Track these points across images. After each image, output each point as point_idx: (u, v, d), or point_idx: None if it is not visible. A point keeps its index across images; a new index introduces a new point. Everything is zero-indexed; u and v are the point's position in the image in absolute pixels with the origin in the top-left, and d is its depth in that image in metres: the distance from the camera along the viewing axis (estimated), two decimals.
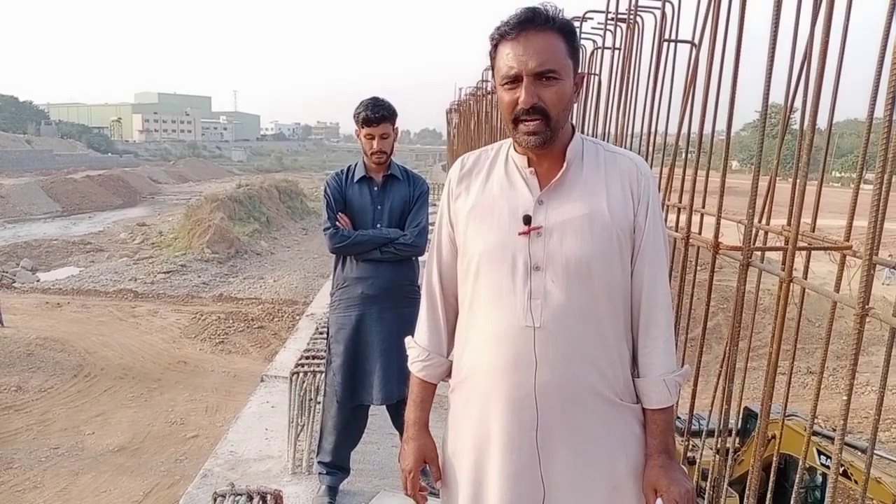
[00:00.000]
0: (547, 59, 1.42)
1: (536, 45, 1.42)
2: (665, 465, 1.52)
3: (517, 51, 1.43)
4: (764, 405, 1.94)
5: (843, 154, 60.05)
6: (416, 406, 1.73)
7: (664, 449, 1.54)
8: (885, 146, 1.42)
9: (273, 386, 4.96)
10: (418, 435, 1.71)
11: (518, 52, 1.43)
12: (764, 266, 2.10)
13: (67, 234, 33.86)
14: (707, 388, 3.03)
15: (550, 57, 1.43)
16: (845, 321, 2.06)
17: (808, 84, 2.10)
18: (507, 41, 1.45)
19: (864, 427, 11.88)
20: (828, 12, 1.71)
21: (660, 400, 1.54)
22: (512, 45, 1.44)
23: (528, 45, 1.42)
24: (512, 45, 1.44)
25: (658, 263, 1.54)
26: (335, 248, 3.11)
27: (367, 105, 3.06)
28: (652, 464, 1.53)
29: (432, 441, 1.72)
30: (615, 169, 1.55)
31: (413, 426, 1.72)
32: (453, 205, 1.64)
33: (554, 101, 1.44)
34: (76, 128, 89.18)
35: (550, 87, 1.44)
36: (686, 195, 2.54)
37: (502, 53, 1.46)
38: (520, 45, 1.43)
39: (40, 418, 12.47)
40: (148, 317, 19.40)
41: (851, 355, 1.50)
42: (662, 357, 1.54)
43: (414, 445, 1.70)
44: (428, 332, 1.73)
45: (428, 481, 3.40)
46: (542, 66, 1.42)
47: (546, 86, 1.43)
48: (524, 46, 1.43)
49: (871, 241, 1.48)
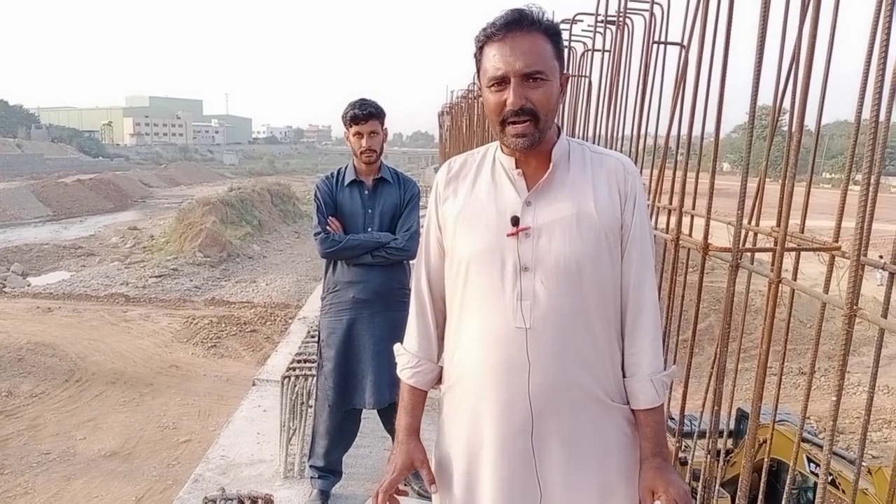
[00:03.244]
0: (534, 60, 1.42)
1: (523, 46, 1.42)
2: (660, 468, 1.51)
3: (504, 52, 1.43)
4: (754, 406, 1.94)
5: (832, 155, 60.43)
6: (407, 413, 1.70)
7: (658, 452, 1.53)
8: (872, 147, 1.43)
9: (265, 390, 4.94)
10: (408, 440, 1.68)
11: (505, 53, 1.42)
12: (753, 267, 2.10)
13: (58, 238, 33.67)
14: (699, 389, 3.03)
15: (538, 58, 1.42)
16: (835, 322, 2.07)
17: (797, 86, 2.10)
18: (494, 42, 1.45)
19: (855, 427, 11.93)
20: (815, 14, 1.72)
21: (647, 400, 1.53)
22: (498, 47, 1.44)
23: (515, 47, 1.42)
24: (498, 47, 1.44)
25: (644, 261, 1.54)
26: (326, 252, 3.09)
27: (355, 104, 3.07)
28: (647, 466, 1.52)
29: (422, 446, 1.69)
30: (602, 169, 1.55)
31: (403, 431, 1.69)
32: (441, 208, 1.64)
33: (542, 101, 1.44)
34: (67, 131, 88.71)
35: (538, 89, 1.44)
36: (676, 197, 2.54)
37: (488, 55, 1.46)
38: (506, 47, 1.43)
39: (31, 423, 12.41)
40: (140, 321, 19.33)
41: (840, 356, 1.50)
42: (649, 357, 1.54)
43: (403, 450, 1.67)
44: (418, 337, 1.71)
45: (421, 485, 3.39)
46: (529, 67, 1.42)
47: (534, 87, 1.43)
48: (511, 48, 1.42)
49: (858, 241, 1.48)
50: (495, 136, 1.54)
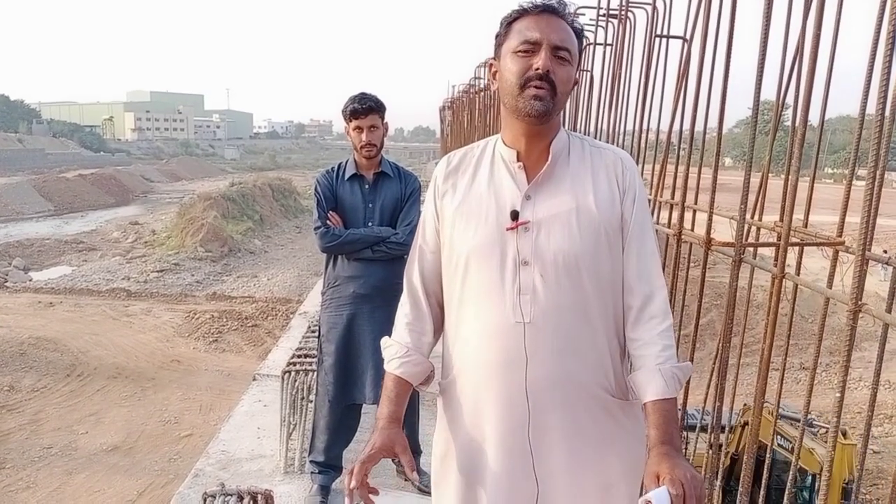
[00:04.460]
0: (567, 38, 1.48)
1: (559, 25, 1.48)
2: (667, 453, 1.38)
3: (541, 24, 1.47)
4: (757, 401, 1.93)
5: (835, 150, 60.32)
6: (391, 401, 1.60)
7: (667, 440, 1.40)
8: (877, 142, 1.41)
9: (265, 385, 4.94)
10: (390, 426, 1.56)
11: (542, 25, 1.47)
12: (756, 262, 2.09)
13: (60, 233, 33.67)
14: (701, 383, 3.02)
15: (569, 39, 1.49)
16: (838, 317, 2.06)
17: (800, 80, 2.09)
18: (530, 16, 1.49)
19: (856, 422, 11.92)
20: (819, 7, 1.70)
21: (655, 391, 1.44)
22: (535, 20, 1.48)
23: (552, 23, 1.48)
24: (535, 20, 1.48)
25: (648, 254, 1.52)
26: (326, 247, 3.09)
27: (355, 98, 3.07)
28: (653, 454, 1.40)
29: (403, 435, 1.57)
30: (601, 162, 1.55)
31: (385, 419, 1.57)
32: (440, 202, 1.63)
33: (564, 79, 1.48)
34: (68, 126, 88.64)
35: (563, 67, 1.48)
36: (678, 192, 2.53)
37: (521, 26, 1.49)
38: (543, 20, 1.48)
39: (33, 418, 12.44)
40: (141, 316, 19.34)
41: (844, 351, 1.49)
42: (658, 348, 1.47)
43: (385, 433, 1.54)
44: (409, 328, 1.66)
45: (422, 481, 3.39)
46: (563, 42, 1.47)
47: (560, 64, 1.47)
48: (547, 22, 1.48)
49: (863, 236, 1.47)
50: (508, 102, 1.51)
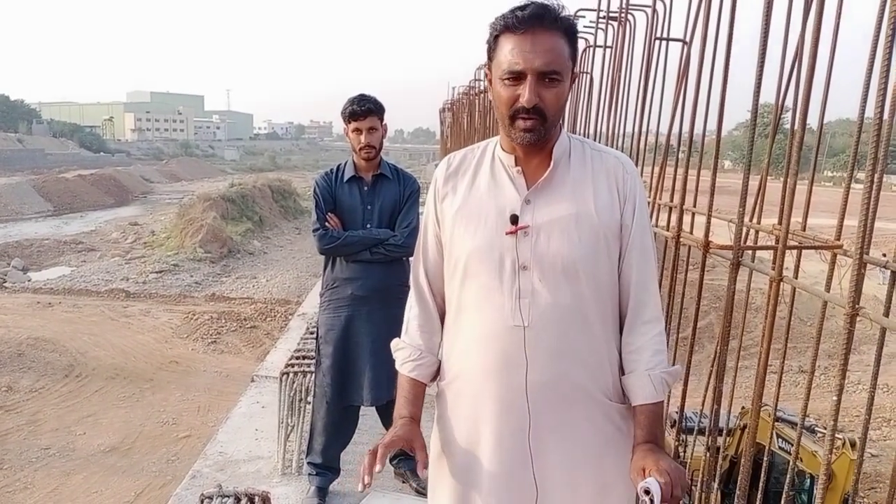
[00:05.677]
0: (552, 59, 1.41)
1: (544, 44, 1.40)
2: (652, 450, 1.45)
3: (524, 47, 1.40)
4: (754, 404, 1.93)
5: (834, 153, 60.35)
6: (408, 402, 1.63)
7: (651, 439, 1.48)
8: (875, 146, 1.41)
9: (263, 386, 4.94)
10: (410, 423, 1.59)
11: (525, 49, 1.40)
12: (754, 265, 2.09)
13: (59, 233, 33.62)
14: (699, 387, 3.02)
15: (556, 58, 1.41)
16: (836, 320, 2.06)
17: (800, 83, 2.09)
18: (513, 35, 1.42)
19: (854, 426, 11.92)
20: (818, 11, 1.70)
21: (645, 395, 1.50)
22: (519, 41, 1.41)
23: (536, 43, 1.40)
24: (519, 41, 1.41)
25: (645, 262, 1.53)
26: (324, 249, 3.08)
27: (354, 100, 3.07)
28: (638, 450, 1.47)
29: (421, 433, 1.60)
30: (602, 167, 1.54)
31: (404, 419, 1.60)
32: (440, 205, 1.63)
33: (553, 102, 1.44)
34: (68, 127, 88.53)
35: (552, 89, 1.43)
36: (677, 194, 2.53)
37: (505, 47, 1.43)
38: (527, 42, 1.40)
39: (31, 419, 12.40)
40: (140, 316, 19.29)
41: (842, 355, 1.49)
42: (649, 353, 1.51)
43: (406, 429, 1.56)
44: (420, 330, 1.68)
45: (419, 482, 3.38)
46: (547, 67, 1.41)
47: (548, 87, 1.42)
48: (532, 44, 1.40)
49: (861, 240, 1.47)
50: (501, 126, 1.52)
